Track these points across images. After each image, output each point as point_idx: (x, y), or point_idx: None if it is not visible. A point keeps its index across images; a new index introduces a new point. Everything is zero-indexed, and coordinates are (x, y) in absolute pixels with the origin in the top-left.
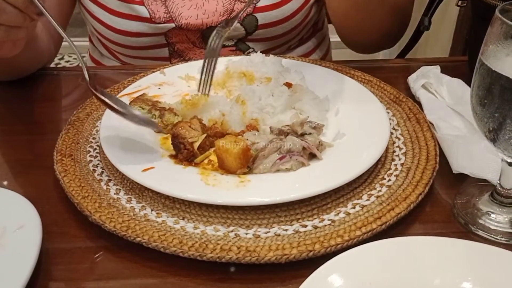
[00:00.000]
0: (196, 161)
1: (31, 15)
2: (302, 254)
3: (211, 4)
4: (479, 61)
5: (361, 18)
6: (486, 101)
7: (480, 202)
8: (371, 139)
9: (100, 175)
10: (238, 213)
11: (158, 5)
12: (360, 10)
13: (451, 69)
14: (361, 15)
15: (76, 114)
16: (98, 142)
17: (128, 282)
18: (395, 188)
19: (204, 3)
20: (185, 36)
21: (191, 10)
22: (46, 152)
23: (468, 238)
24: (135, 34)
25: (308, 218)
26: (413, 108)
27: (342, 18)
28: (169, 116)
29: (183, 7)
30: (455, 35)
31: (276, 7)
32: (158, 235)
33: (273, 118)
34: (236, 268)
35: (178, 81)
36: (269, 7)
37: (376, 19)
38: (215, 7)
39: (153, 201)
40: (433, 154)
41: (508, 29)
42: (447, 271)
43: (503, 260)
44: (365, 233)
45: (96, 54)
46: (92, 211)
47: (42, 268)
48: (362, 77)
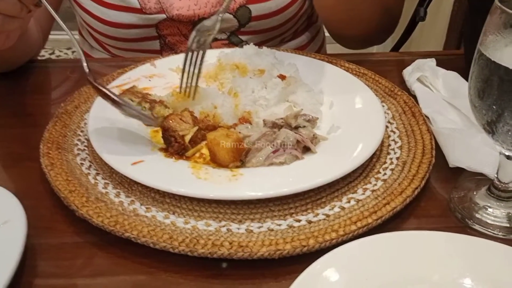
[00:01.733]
0: (187, 155)
1: (28, 6)
2: (296, 249)
3: None
4: (477, 52)
5: (347, 10)
6: (485, 93)
7: (477, 196)
8: (366, 133)
9: (88, 168)
10: (230, 207)
11: None
12: (347, 4)
13: (446, 63)
14: (347, 7)
15: (63, 107)
16: (86, 135)
17: (116, 279)
18: (390, 182)
19: None
20: (176, 28)
21: (182, 1)
22: (32, 145)
23: (464, 232)
24: (125, 26)
25: (302, 213)
26: (409, 102)
27: (328, 11)
28: (160, 109)
29: None
30: (450, 28)
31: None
32: (148, 230)
33: (266, 111)
34: (228, 264)
35: (169, 73)
36: None
37: (364, 12)
38: None
39: (142, 195)
40: (429, 148)
41: (508, 18)
42: (443, 266)
43: (500, 254)
44: (360, 227)
45: (86, 47)
46: (79, 205)
47: (27, 264)
48: (357, 70)
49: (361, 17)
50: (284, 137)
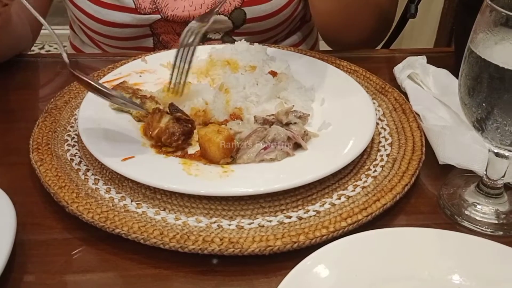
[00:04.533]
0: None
1: (3, 0)
2: (287, 245)
3: None
4: (467, 49)
5: (345, 17)
6: (475, 90)
7: (466, 193)
8: (357, 129)
9: (78, 164)
10: (221, 203)
11: None
12: (344, 9)
13: (437, 60)
14: (345, 14)
15: (53, 102)
16: (77, 131)
17: (106, 275)
18: (380, 179)
19: None
20: (170, 27)
21: (177, 1)
22: (22, 141)
23: (454, 229)
24: (119, 25)
25: (292, 209)
26: (399, 99)
27: (325, 18)
28: (151, 104)
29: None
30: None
31: (265, 1)
32: (138, 227)
33: (257, 107)
34: (219, 260)
35: (160, 68)
36: (258, 0)
37: (360, 18)
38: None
39: (133, 192)
40: (419, 145)
41: (498, 16)
42: (433, 262)
43: (489, 251)
44: (350, 224)
45: (77, 42)
46: (69, 201)
47: (17, 261)
48: (348, 67)
49: (357, 23)
50: (275, 133)
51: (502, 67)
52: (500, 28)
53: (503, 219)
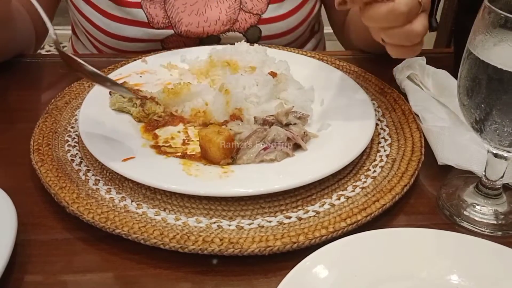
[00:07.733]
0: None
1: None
2: (286, 246)
3: (214, 12)
4: (466, 51)
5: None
6: (473, 91)
7: (465, 194)
8: (356, 130)
9: (78, 165)
10: (221, 204)
11: (157, 9)
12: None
13: (436, 61)
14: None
15: (54, 103)
16: (77, 132)
17: (106, 275)
18: (380, 180)
19: (206, 10)
20: (182, 42)
21: (192, 17)
22: (23, 141)
23: (453, 229)
24: (129, 39)
25: (292, 210)
26: (398, 99)
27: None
28: (151, 105)
29: (184, 12)
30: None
31: (281, 19)
32: (138, 227)
33: (257, 108)
34: (219, 260)
35: (160, 69)
36: (275, 18)
37: None
38: (217, 15)
39: (133, 192)
40: (418, 146)
41: (497, 17)
42: (432, 262)
43: (487, 251)
44: (350, 224)
45: (79, 47)
46: (70, 202)
47: (17, 261)
48: (347, 67)
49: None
50: (275, 134)
51: (501, 68)
52: (499, 30)
53: (502, 220)
